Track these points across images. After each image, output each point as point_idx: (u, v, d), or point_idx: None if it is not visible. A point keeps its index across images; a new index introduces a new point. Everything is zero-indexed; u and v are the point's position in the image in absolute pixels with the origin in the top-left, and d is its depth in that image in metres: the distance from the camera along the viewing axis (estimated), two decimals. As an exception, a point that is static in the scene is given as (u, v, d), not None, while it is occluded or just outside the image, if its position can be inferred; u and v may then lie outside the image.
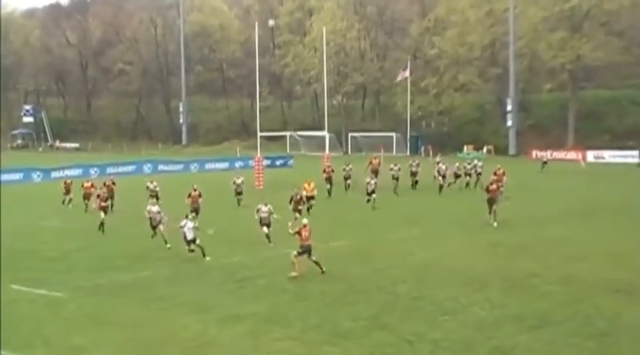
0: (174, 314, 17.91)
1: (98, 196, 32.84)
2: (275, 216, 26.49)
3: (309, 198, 35.44)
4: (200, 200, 32.69)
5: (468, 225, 31.30)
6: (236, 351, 15.23)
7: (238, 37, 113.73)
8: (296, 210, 31.37)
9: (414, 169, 46.56)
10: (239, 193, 39.00)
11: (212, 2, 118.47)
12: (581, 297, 18.99)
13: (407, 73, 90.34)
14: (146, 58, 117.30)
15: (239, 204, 38.19)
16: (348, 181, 44.75)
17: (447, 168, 44.90)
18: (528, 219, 33.15)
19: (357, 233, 29.70)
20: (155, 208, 27.12)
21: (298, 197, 32.21)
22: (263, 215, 26.39)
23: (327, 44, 67.57)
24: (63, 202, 40.30)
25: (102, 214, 30.98)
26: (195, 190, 32.83)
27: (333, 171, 44.69)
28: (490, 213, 31.17)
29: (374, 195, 37.28)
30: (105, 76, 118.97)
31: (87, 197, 38.09)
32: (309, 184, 36.30)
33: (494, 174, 40.71)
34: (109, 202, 33.95)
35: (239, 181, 39.41)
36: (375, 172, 46.09)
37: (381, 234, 29.82)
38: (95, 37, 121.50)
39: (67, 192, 40.49)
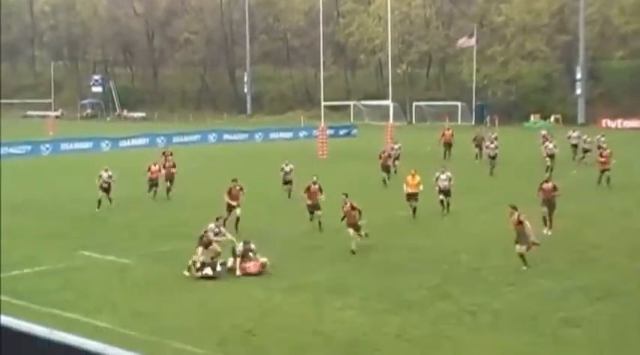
0: (238, 282, 18.15)
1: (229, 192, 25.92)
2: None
3: (412, 195, 26.63)
4: (321, 196, 25.27)
5: (531, 197, 30.67)
6: (299, 319, 15.38)
7: (302, 6, 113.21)
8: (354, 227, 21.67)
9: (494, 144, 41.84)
10: (287, 182, 32.45)
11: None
12: (649, 270, 18.63)
13: (472, 41, 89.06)
14: (211, 27, 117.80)
15: (289, 196, 31.48)
16: (396, 162, 39.44)
17: (555, 146, 39.67)
18: (593, 190, 32.45)
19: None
20: (219, 237, 19.95)
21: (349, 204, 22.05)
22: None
23: (392, 12, 66.74)
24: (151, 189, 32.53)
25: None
26: (315, 184, 25.51)
27: (389, 156, 38.06)
28: (548, 217, 23.54)
29: (448, 198, 27.46)
30: (171, 46, 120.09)
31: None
32: (413, 176, 26.85)
33: (600, 155, 34.43)
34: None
35: (287, 169, 32.70)
36: (449, 144, 44.82)
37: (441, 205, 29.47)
38: (161, 7, 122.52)
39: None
